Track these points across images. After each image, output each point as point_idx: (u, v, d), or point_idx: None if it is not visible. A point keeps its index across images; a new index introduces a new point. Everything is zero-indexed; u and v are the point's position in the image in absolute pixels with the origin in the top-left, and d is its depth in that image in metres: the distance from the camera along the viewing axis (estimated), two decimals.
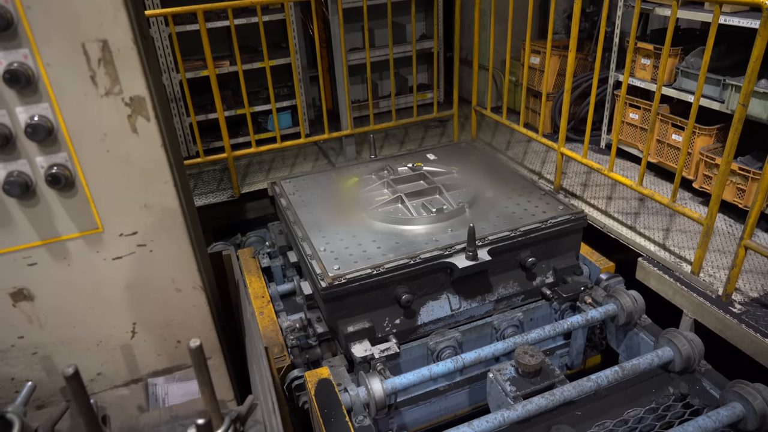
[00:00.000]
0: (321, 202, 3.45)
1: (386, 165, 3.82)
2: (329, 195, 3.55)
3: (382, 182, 3.55)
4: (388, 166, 3.79)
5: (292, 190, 3.65)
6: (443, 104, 5.78)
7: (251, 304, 2.05)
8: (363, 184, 3.64)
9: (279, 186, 3.73)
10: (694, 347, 2.57)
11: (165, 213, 1.70)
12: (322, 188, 3.66)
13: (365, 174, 3.76)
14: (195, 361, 1.38)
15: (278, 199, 3.64)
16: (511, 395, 2.57)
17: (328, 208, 3.37)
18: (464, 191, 3.36)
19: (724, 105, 3.36)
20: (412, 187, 3.47)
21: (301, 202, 3.48)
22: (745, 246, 2.67)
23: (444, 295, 2.93)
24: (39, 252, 1.65)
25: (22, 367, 1.81)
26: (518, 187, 3.42)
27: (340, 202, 3.44)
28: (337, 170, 3.93)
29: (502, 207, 3.20)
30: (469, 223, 2.80)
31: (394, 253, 2.83)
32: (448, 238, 2.93)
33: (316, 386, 2.46)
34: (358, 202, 3.37)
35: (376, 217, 3.16)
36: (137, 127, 1.57)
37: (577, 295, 3.03)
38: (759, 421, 2.23)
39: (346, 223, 3.14)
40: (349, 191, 3.59)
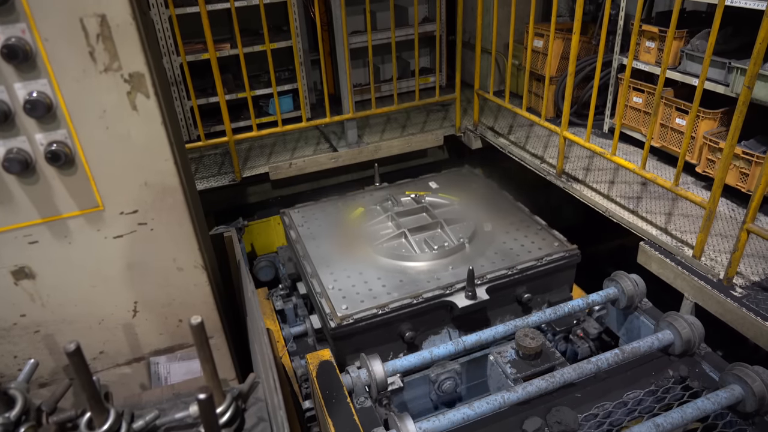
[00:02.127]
0: (328, 234, 3.62)
1: (390, 195, 3.98)
2: (336, 226, 3.72)
3: (387, 215, 3.71)
4: (392, 197, 3.94)
5: (300, 221, 3.82)
6: (445, 88, 5.73)
7: (251, 283, 2.06)
8: (368, 216, 3.80)
9: (288, 216, 3.90)
10: (695, 330, 2.58)
11: (165, 191, 1.69)
12: (329, 218, 3.82)
13: (370, 204, 3.93)
14: (196, 339, 1.38)
15: (288, 230, 3.81)
16: (511, 377, 2.59)
17: (335, 242, 3.53)
18: (464, 225, 3.52)
19: (729, 88, 3.33)
20: (415, 220, 3.63)
21: (309, 235, 3.64)
22: (747, 230, 2.66)
23: (445, 330, 3.07)
24: (40, 230, 1.65)
25: (25, 345, 1.82)
26: (516, 220, 3.58)
27: (346, 235, 3.60)
28: (344, 199, 4.08)
29: (500, 242, 3.35)
30: (468, 260, 3.08)
31: (398, 291, 2.98)
32: (449, 276, 3.08)
33: (317, 368, 2.47)
34: (364, 235, 3.53)
35: (381, 253, 3.32)
36: (137, 104, 1.56)
37: (570, 328, 3.08)
38: (758, 403, 2.24)
39: (353, 258, 3.29)
40: (354, 223, 3.74)
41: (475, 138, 4.75)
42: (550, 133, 4.55)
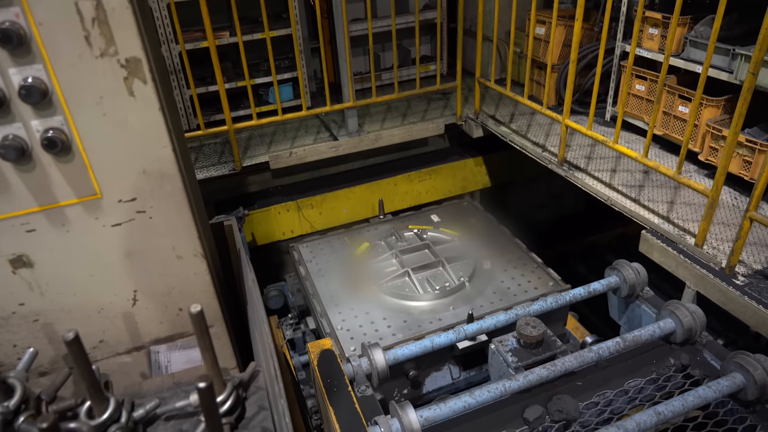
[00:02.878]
0: (336, 271, 3.84)
1: (394, 230, 4.23)
2: (343, 262, 3.95)
3: (392, 252, 3.95)
4: (395, 232, 4.20)
5: (309, 257, 4.05)
6: (446, 76, 5.69)
7: (252, 272, 2.05)
8: (373, 252, 4.04)
9: (297, 251, 4.14)
10: (696, 319, 2.57)
11: (164, 179, 1.68)
12: (336, 254, 4.05)
13: (375, 239, 4.19)
14: (196, 327, 1.37)
15: (297, 266, 4.03)
16: (512, 366, 2.58)
17: (343, 279, 3.75)
18: (465, 263, 3.74)
19: (732, 75, 3.29)
20: (417, 258, 3.89)
21: (318, 272, 3.86)
22: (750, 218, 2.64)
23: (446, 366, 3.18)
24: (37, 218, 1.63)
25: (24, 334, 1.81)
26: (514, 258, 3.83)
27: (353, 273, 3.83)
28: (350, 233, 4.31)
29: (498, 281, 3.57)
30: (468, 299, 3.32)
31: (402, 332, 3.18)
32: (450, 316, 3.31)
33: (318, 356, 2.47)
34: (370, 273, 3.77)
35: (386, 292, 3.52)
36: (134, 90, 1.53)
37: None
38: (759, 391, 2.24)
39: (360, 297, 3.50)
40: (360, 259, 3.98)
41: (476, 126, 4.72)
42: (552, 121, 4.52)
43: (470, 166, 5.08)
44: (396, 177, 4.84)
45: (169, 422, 1.59)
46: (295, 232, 4.78)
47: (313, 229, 4.81)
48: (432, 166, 4.94)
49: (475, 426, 2.33)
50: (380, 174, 4.86)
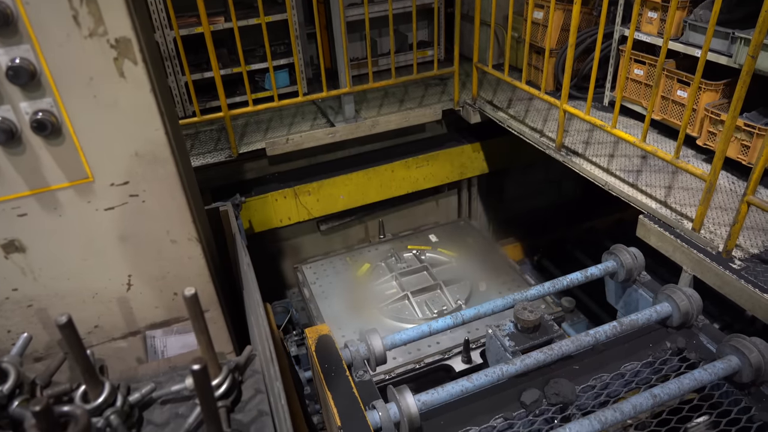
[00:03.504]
0: (338, 293, 4.04)
1: (394, 251, 4.44)
2: (345, 284, 4.14)
3: (392, 275, 4.15)
4: (395, 253, 4.41)
5: (312, 278, 4.26)
6: (444, 62, 5.65)
7: (247, 255, 2.04)
8: (374, 274, 4.23)
9: (302, 273, 4.35)
10: (693, 303, 2.57)
11: (157, 162, 1.66)
12: (339, 276, 4.26)
13: (376, 260, 4.39)
14: (190, 310, 1.36)
15: (301, 287, 4.22)
16: (509, 350, 2.59)
17: (345, 302, 3.94)
18: (462, 285, 3.91)
19: (732, 59, 3.27)
20: (416, 281, 4.10)
21: (321, 294, 4.06)
22: (747, 201, 2.64)
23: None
24: (28, 202, 1.62)
25: (18, 320, 1.80)
26: (508, 279, 4.01)
27: (355, 295, 4.04)
28: (351, 253, 4.54)
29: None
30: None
31: (403, 356, 3.33)
32: (448, 340, 3.44)
33: (316, 342, 2.47)
34: (370, 296, 3.98)
35: (387, 315, 3.69)
36: (124, 71, 1.51)
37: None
38: (754, 373, 2.25)
39: (361, 319, 3.68)
40: (362, 281, 4.18)
41: (473, 112, 4.69)
42: (550, 106, 4.49)
43: (468, 152, 5.06)
44: (393, 163, 4.82)
45: (165, 406, 1.58)
46: (292, 219, 4.77)
47: (310, 216, 4.80)
48: (429, 152, 4.93)
49: (472, 410, 2.34)
50: (377, 160, 4.84)
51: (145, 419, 1.54)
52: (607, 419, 2.08)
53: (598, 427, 2.06)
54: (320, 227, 5.20)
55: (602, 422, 2.07)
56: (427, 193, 5.45)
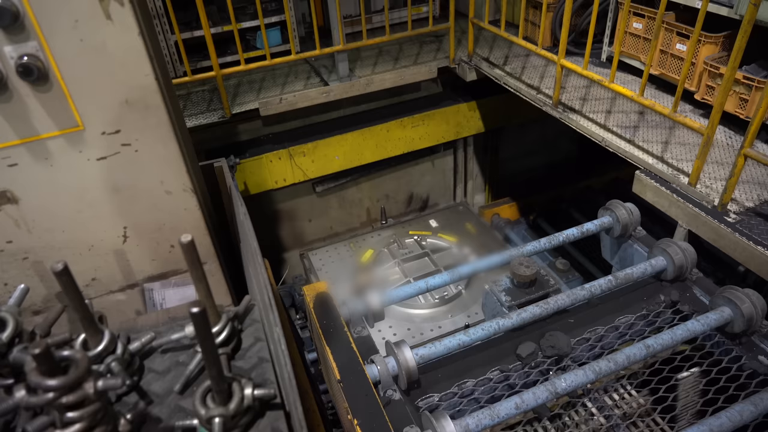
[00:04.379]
0: (344, 279, 4.20)
1: (396, 237, 4.58)
2: (350, 270, 4.28)
3: (395, 261, 4.28)
4: (397, 239, 4.54)
5: (319, 265, 4.41)
6: (439, 18, 5.53)
7: (243, 205, 2.02)
8: (378, 260, 4.39)
9: (308, 259, 4.51)
10: (687, 256, 2.59)
11: (148, 109, 1.62)
12: (344, 262, 4.40)
13: (379, 246, 4.55)
14: (187, 257, 1.35)
15: (308, 274, 4.39)
16: (506, 305, 2.61)
17: (351, 288, 3.99)
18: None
19: (733, 10, 3.20)
20: (418, 266, 4.26)
21: (328, 280, 4.19)
22: (745, 154, 2.63)
23: None
24: (18, 151, 1.58)
25: (15, 272, 1.79)
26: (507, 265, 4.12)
27: (360, 280, 4.25)
28: (355, 239, 4.69)
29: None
30: (465, 307, 3.60)
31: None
32: (449, 324, 3.59)
33: (314, 299, 2.48)
34: (375, 281, 4.20)
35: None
36: (111, 13, 1.45)
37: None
38: (746, 323, 2.28)
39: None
40: (366, 267, 4.34)
41: (469, 69, 4.61)
42: (547, 63, 4.42)
43: (463, 111, 5.01)
44: (389, 123, 4.76)
45: (165, 354, 1.59)
46: (287, 181, 4.74)
47: (305, 177, 4.77)
48: (425, 112, 4.87)
49: (469, 363, 2.37)
50: (372, 120, 4.78)
51: (146, 367, 1.55)
52: (602, 369, 2.12)
53: (592, 377, 2.09)
54: (316, 189, 5.18)
55: (596, 372, 2.10)
56: (423, 154, 5.42)
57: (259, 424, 1.32)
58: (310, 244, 5.58)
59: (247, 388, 1.33)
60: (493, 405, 1.93)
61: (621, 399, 2.50)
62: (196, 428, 1.31)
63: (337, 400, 2.20)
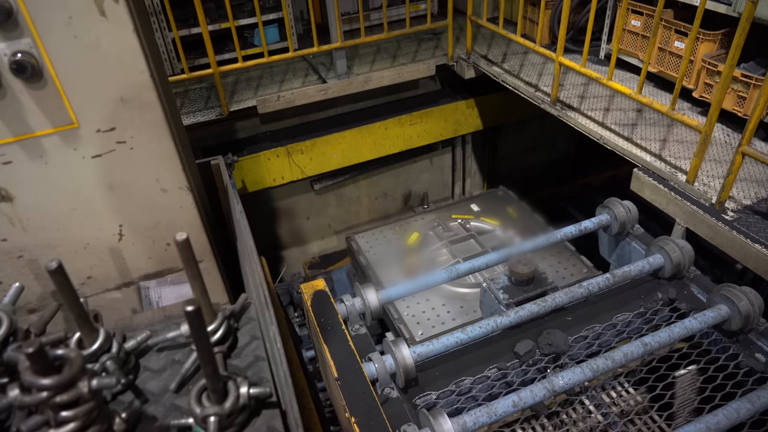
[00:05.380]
0: (393, 260, 4.22)
1: (439, 220, 4.64)
2: (398, 252, 4.36)
3: (442, 243, 4.34)
4: (441, 223, 4.60)
5: (366, 247, 4.45)
6: (437, 15, 5.52)
7: (239, 203, 2.02)
8: (424, 242, 4.45)
9: (355, 242, 4.55)
10: (685, 254, 2.59)
11: (143, 107, 1.61)
12: (390, 244, 4.47)
13: (424, 229, 4.60)
14: (183, 255, 1.35)
15: (357, 256, 4.40)
16: (503, 303, 2.61)
17: (401, 268, 4.14)
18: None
19: (731, 8, 3.20)
20: (465, 248, 4.32)
21: (377, 261, 4.24)
22: (742, 152, 2.63)
23: None
24: (13, 149, 1.57)
25: (10, 271, 1.78)
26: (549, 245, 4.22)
27: (409, 261, 4.28)
28: (399, 223, 4.75)
29: (545, 266, 3.95)
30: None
31: (461, 317, 3.54)
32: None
33: (312, 297, 2.47)
34: (424, 262, 4.24)
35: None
36: (105, 9, 1.44)
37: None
38: (743, 321, 2.28)
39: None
40: (413, 249, 4.42)
41: (467, 67, 4.60)
42: (545, 60, 4.42)
43: (462, 109, 5.00)
44: (386, 121, 4.75)
45: (161, 353, 1.59)
46: (285, 179, 4.73)
47: (303, 174, 4.76)
48: (423, 109, 4.86)
49: (467, 361, 2.37)
50: (370, 118, 4.78)
51: (141, 366, 1.55)
52: (599, 367, 2.12)
53: (590, 375, 2.09)
54: (314, 186, 5.17)
55: (594, 370, 2.10)
56: (421, 151, 5.41)
57: (255, 423, 1.32)
58: (309, 242, 5.57)
59: (242, 387, 1.32)
60: (491, 403, 1.92)
61: (618, 397, 2.50)
62: (191, 427, 1.31)
63: (334, 398, 2.20)
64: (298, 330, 4.16)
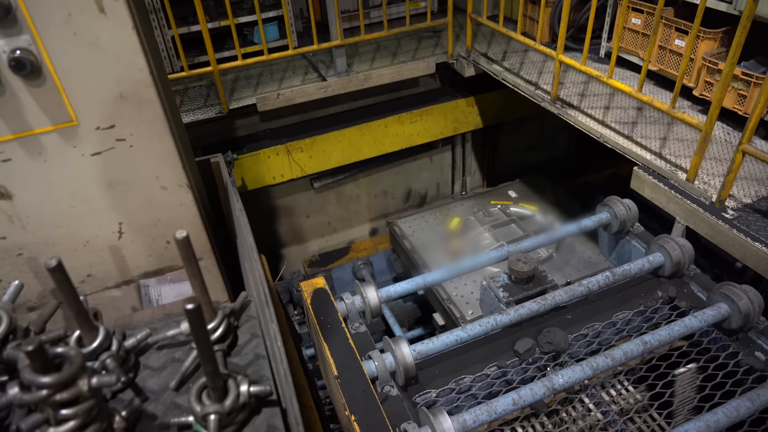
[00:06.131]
0: (437, 243, 4.34)
1: (479, 206, 4.77)
2: (441, 236, 4.47)
3: (484, 227, 4.46)
4: (482, 208, 4.73)
5: (409, 232, 4.56)
6: (437, 13, 5.50)
7: (239, 201, 2.01)
8: (466, 226, 4.59)
9: (398, 227, 4.66)
10: (685, 252, 2.59)
11: (143, 104, 1.60)
12: (432, 229, 4.58)
13: (464, 214, 4.74)
14: (182, 253, 1.34)
15: (401, 240, 4.51)
16: (503, 301, 2.61)
17: (445, 251, 4.26)
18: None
19: (732, 6, 3.19)
20: (507, 232, 4.43)
21: (422, 245, 4.36)
22: (742, 151, 2.62)
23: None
24: (12, 147, 1.57)
25: (9, 268, 1.78)
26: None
27: (453, 245, 4.39)
28: (439, 209, 4.87)
29: (580, 252, 4.05)
30: (557, 268, 3.80)
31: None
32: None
33: (312, 295, 2.47)
34: (468, 245, 4.36)
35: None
36: (104, 6, 1.44)
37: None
38: (743, 319, 2.28)
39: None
40: (456, 233, 4.55)
41: (467, 65, 4.59)
42: (545, 58, 4.41)
43: (462, 107, 4.99)
44: (386, 119, 4.75)
45: (161, 351, 1.58)
46: (285, 177, 4.72)
47: (303, 173, 4.75)
48: (423, 107, 4.85)
49: (466, 359, 2.38)
50: (370, 116, 4.77)
51: (141, 364, 1.54)
52: (599, 365, 2.12)
53: (589, 373, 2.09)
54: (314, 185, 5.17)
55: (594, 368, 2.11)
56: (421, 149, 5.41)
57: (255, 421, 1.32)
58: (309, 240, 5.57)
59: (242, 385, 1.32)
60: (491, 401, 1.93)
61: (618, 395, 2.50)
62: (191, 425, 1.31)
63: (334, 396, 2.20)
64: (298, 328, 4.15)
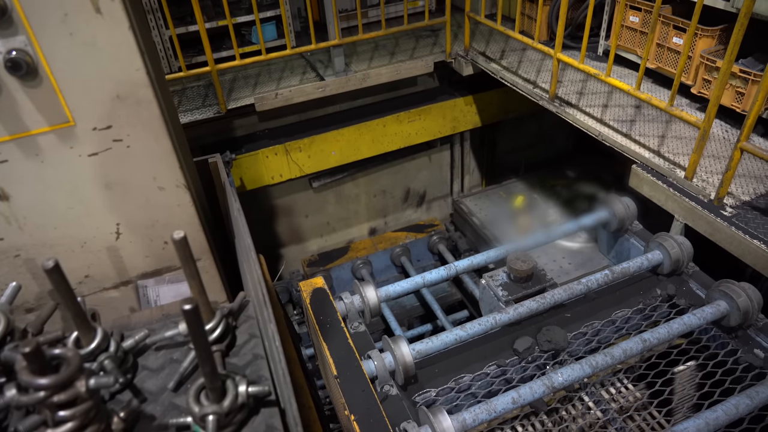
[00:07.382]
0: (505, 219, 4.55)
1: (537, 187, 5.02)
2: (507, 212, 4.69)
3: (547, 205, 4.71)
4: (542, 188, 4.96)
5: (476, 209, 4.78)
6: (435, 12, 5.50)
7: (237, 201, 2.01)
8: (530, 205, 4.80)
9: (465, 204, 4.89)
10: (684, 250, 2.59)
11: (140, 104, 1.60)
12: (497, 206, 4.77)
13: (528, 193, 5.00)
14: (180, 253, 1.34)
15: (469, 217, 4.70)
16: (502, 299, 2.61)
17: (515, 226, 4.48)
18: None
19: (729, 3, 3.19)
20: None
21: (490, 221, 4.57)
22: (741, 148, 2.62)
23: None
24: (8, 147, 1.56)
25: (7, 270, 1.77)
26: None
27: (520, 221, 4.62)
28: (502, 187, 5.15)
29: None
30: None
31: (584, 267, 3.73)
32: (601, 258, 3.61)
33: (311, 295, 2.47)
34: (534, 221, 4.61)
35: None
36: (100, 6, 1.43)
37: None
38: (742, 317, 2.28)
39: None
40: (521, 211, 4.77)
41: (466, 64, 4.59)
42: (543, 56, 4.41)
43: (460, 106, 4.99)
44: (385, 118, 4.74)
45: (159, 352, 1.58)
46: (284, 176, 4.72)
47: (302, 172, 4.75)
48: (421, 106, 4.85)
49: (466, 358, 2.38)
50: (368, 115, 4.76)
51: (139, 365, 1.54)
52: (598, 364, 2.12)
53: (589, 371, 2.10)
54: (312, 184, 5.16)
55: (593, 366, 2.11)
56: (420, 149, 5.40)
57: (254, 422, 1.31)
58: (308, 240, 5.56)
59: (241, 386, 1.32)
60: (490, 400, 1.93)
61: (617, 393, 2.50)
62: (190, 426, 1.30)
63: (334, 396, 2.20)
64: (297, 328, 4.14)
